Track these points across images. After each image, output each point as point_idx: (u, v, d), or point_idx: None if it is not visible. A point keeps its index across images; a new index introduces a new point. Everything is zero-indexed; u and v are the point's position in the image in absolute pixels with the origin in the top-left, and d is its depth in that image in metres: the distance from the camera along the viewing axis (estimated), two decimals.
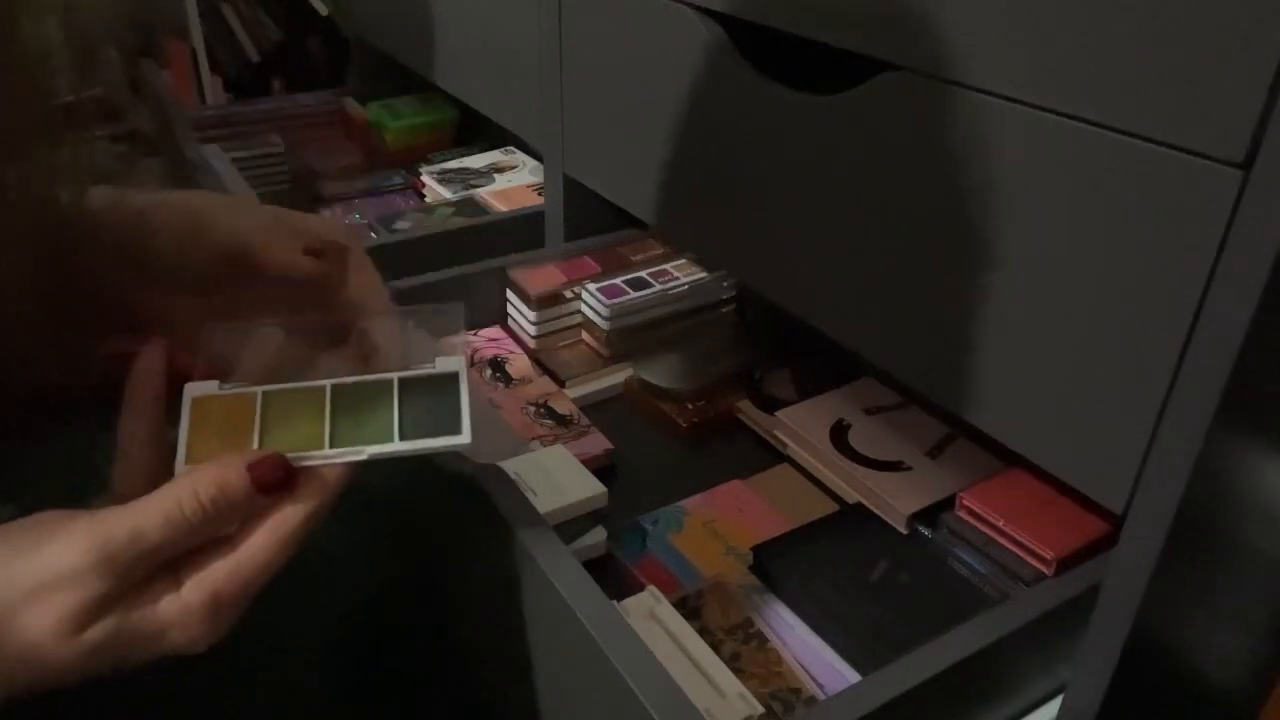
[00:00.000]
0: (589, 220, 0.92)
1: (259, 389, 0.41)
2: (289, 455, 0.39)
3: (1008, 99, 0.47)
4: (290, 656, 0.62)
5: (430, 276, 0.82)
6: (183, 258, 0.45)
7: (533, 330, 0.83)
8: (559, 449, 0.67)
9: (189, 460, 0.39)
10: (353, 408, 0.41)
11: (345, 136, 1.33)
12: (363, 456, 0.40)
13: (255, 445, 0.40)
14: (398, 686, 0.60)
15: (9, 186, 0.38)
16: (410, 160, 1.23)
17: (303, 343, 0.44)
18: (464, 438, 0.41)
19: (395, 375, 0.42)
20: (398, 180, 1.20)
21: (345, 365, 0.43)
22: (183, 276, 0.45)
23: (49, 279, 0.43)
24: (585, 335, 0.85)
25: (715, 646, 0.54)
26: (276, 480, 0.37)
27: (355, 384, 0.42)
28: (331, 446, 0.40)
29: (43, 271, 0.43)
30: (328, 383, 0.42)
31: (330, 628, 0.64)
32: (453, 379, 0.42)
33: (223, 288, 0.46)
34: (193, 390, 0.41)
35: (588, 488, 0.63)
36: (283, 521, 0.37)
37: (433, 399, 0.42)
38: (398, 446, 0.40)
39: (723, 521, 0.66)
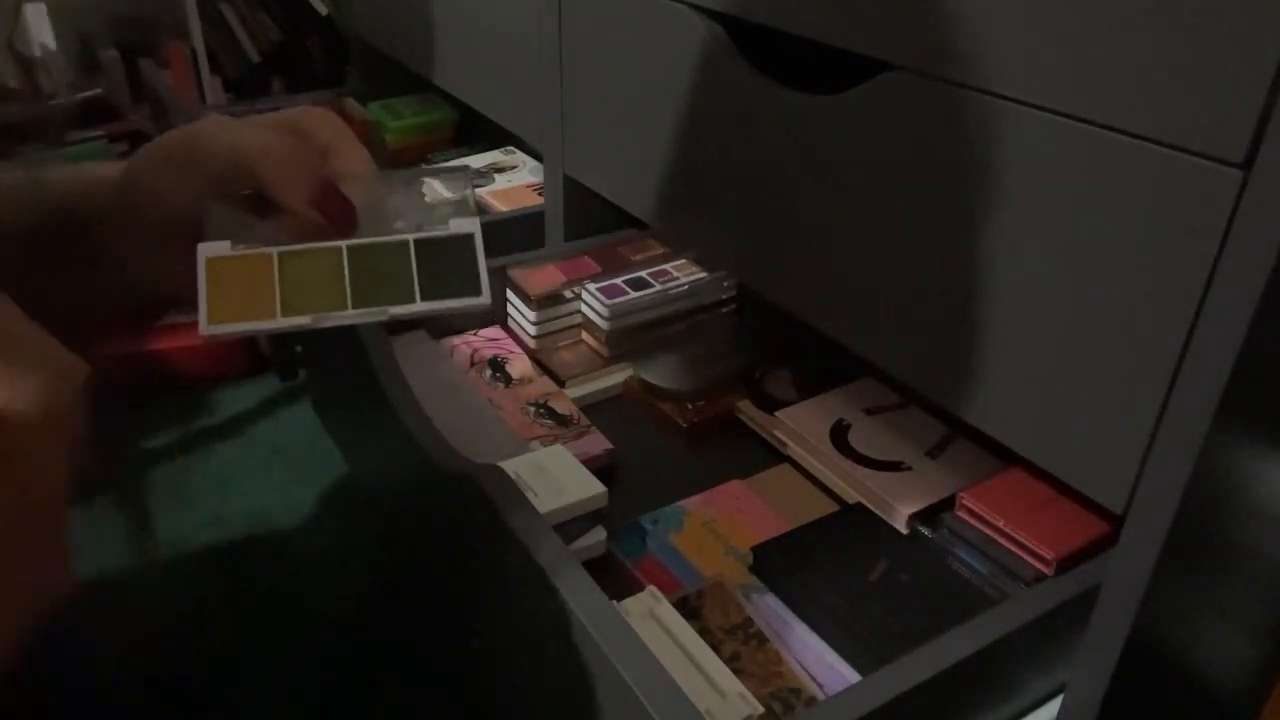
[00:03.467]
0: (589, 220, 0.92)
1: (274, 249, 0.41)
2: (311, 316, 0.39)
3: (1007, 99, 0.47)
4: (291, 655, 0.62)
5: None
6: (177, 200, 0.42)
7: (533, 330, 0.83)
8: (559, 449, 0.67)
9: (210, 321, 0.39)
10: (370, 268, 0.41)
11: None
12: (385, 317, 0.40)
13: (277, 306, 0.39)
14: (397, 686, 0.60)
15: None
16: (410, 160, 1.23)
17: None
18: (484, 298, 0.41)
19: (411, 236, 0.42)
20: None
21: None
22: (180, 227, 0.43)
23: (45, 268, 0.42)
24: (585, 335, 0.85)
25: (715, 646, 0.54)
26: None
27: (371, 245, 0.41)
28: (354, 307, 0.40)
29: (37, 262, 0.42)
30: (343, 244, 0.41)
31: (330, 627, 0.64)
32: (468, 240, 0.42)
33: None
34: (206, 250, 0.41)
35: (588, 488, 0.63)
36: None
37: (449, 260, 0.41)
38: (420, 306, 0.40)
39: (723, 521, 0.66)
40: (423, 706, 0.60)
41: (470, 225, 0.42)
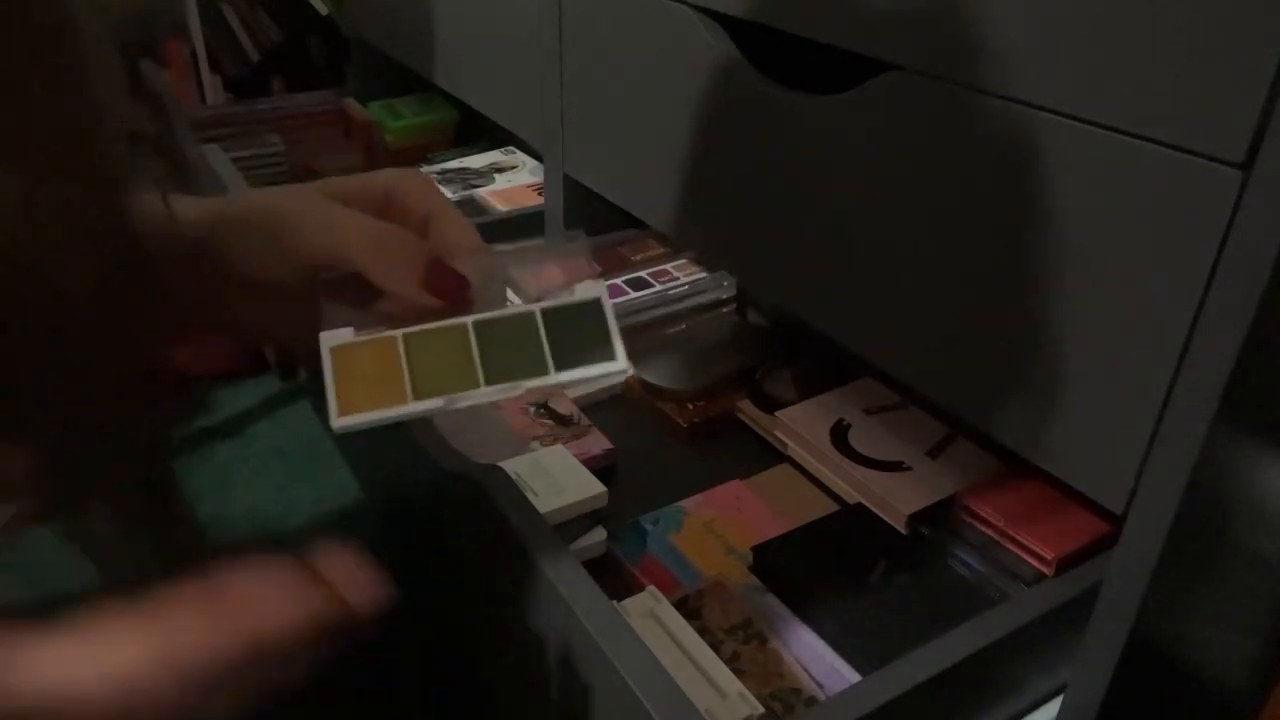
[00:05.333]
0: (589, 220, 0.92)
1: (399, 332, 0.40)
2: (444, 398, 0.38)
3: (1008, 99, 0.47)
4: None
5: None
6: (264, 271, 0.41)
7: None
8: (559, 449, 0.67)
9: (341, 413, 0.38)
10: (499, 343, 0.40)
11: (345, 136, 1.33)
12: (521, 391, 0.39)
13: (408, 390, 0.38)
14: (396, 686, 0.60)
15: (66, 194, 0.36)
16: (410, 160, 1.23)
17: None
18: (619, 363, 0.39)
19: (537, 306, 0.41)
20: None
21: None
22: (265, 287, 0.42)
23: (116, 289, 0.42)
24: None
25: (715, 646, 0.54)
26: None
27: (497, 319, 0.40)
28: (487, 384, 0.39)
29: (109, 281, 0.42)
30: (469, 320, 0.40)
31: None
32: (595, 305, 0.40)
33: (311, 294, 0.42)
34: (329, 340, 0.39)
35: (588, 488, 0.63)
36: None
37: (579, 327, 0.40)
38: (556, 378, 0.39)
39: (723, 521, 0.66)
40: (422, 706, 0.59)
41: (596, 289, 0.41)
